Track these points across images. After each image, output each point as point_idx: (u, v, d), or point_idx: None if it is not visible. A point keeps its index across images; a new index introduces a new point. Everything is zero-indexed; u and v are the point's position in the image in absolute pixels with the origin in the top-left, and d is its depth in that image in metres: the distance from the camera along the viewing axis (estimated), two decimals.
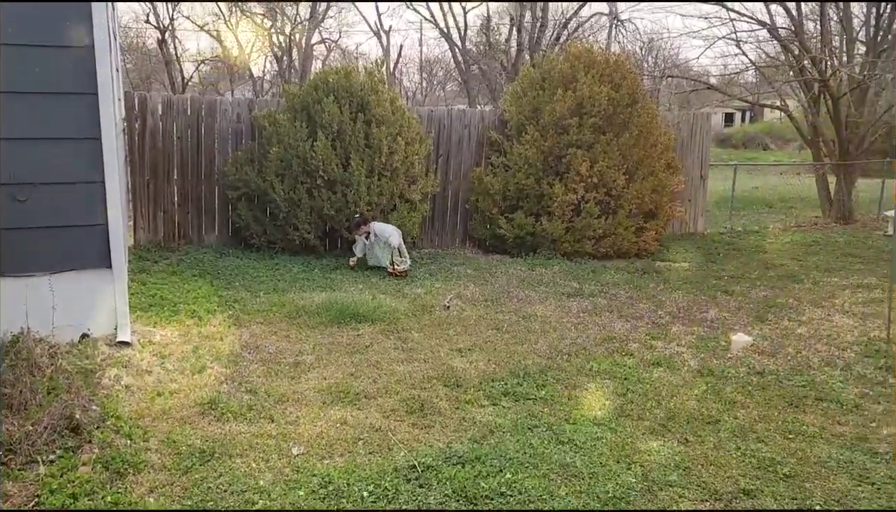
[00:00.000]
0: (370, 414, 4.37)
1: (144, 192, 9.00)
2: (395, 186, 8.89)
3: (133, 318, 5.63)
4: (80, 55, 4.99)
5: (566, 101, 9.36)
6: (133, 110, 8.81)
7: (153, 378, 4.73)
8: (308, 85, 9.28)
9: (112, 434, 3.82)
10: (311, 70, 27.33)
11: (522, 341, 5.92)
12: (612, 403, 4.69)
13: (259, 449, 3.84)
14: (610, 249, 9.48)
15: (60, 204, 5.11)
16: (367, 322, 6.26)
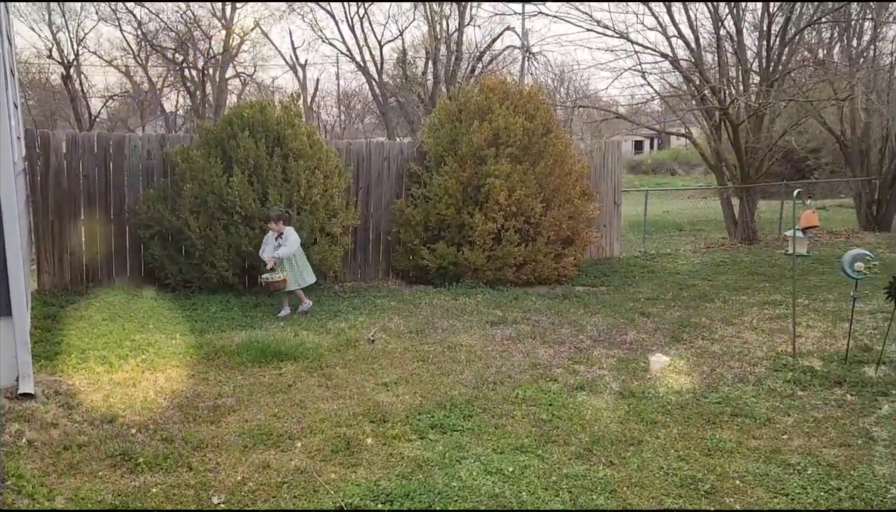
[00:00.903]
0: (295, 455, 4.25)
1: (49, 234, 8.58)
2: (314, 220, 8.79)
3: (37, 367, 5.32)
4: None
5: (483, 132, 9.52)
6: (35, 149, 8.42)
7: (59, 431, 4.47)
8: (222, 120, 9.11)
9: (13, 495, 3.57)
10: (225, 104, 26.91)
11: (448, 372, 5.91)
12: (539, 430, 4.73)
13: (176, 500, 3.67)
14: (531, 276, 9.63)
15: None
16: (289, 360, 6.12)
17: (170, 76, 30.73)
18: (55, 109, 30.76)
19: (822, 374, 5.84)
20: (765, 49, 14.15)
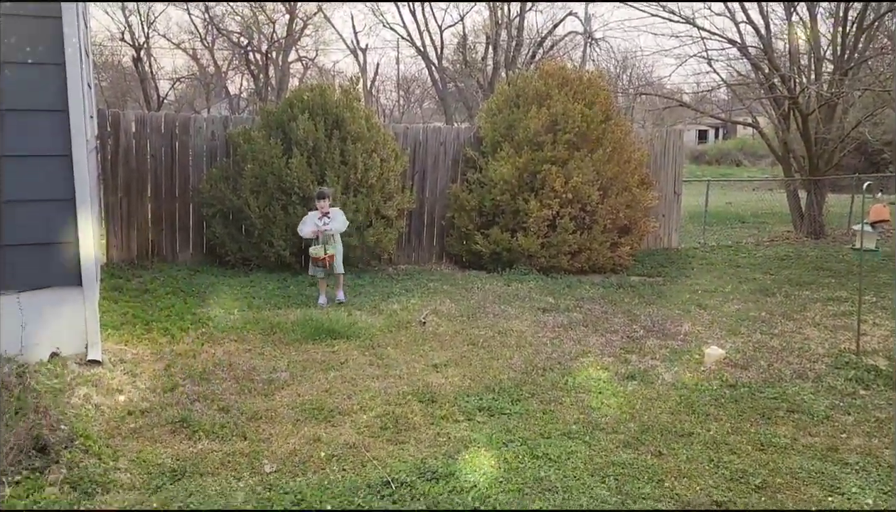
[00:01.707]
0: (344, 431, 4.35)
1: (118, 210, 8.92)
2: (370, 203, 8.90)
3: (104, 336, 5.56)
4: (51, 71, 4.96)
5: (540, 118, 9.45)
6: (106, 128, 8.74)
7: (124, 397, 4.67)
8: (283, 102, 9.29)
9: (81, 454, 3.76)
10: (287, 88, 27.35)
11: (498, 356, 5.92)
12: (587, 417, 4.71)
13: (231, 467, 3.80)
14: (585, 265, 9.55)
15: (30, 221, 5.05)
16: (342, 338, 6.23)
17: (234, 59, 31.41)
18: (126, 91, 31.81)
19: (886, 373, 5.64)
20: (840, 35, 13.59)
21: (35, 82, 4.96)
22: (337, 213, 7.79)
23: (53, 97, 4.97)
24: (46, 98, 4.97)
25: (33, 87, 4.95)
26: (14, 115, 4.91)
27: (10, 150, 4.92)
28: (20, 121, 4.93)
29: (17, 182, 4.96)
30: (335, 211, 7.79)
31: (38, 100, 4.96)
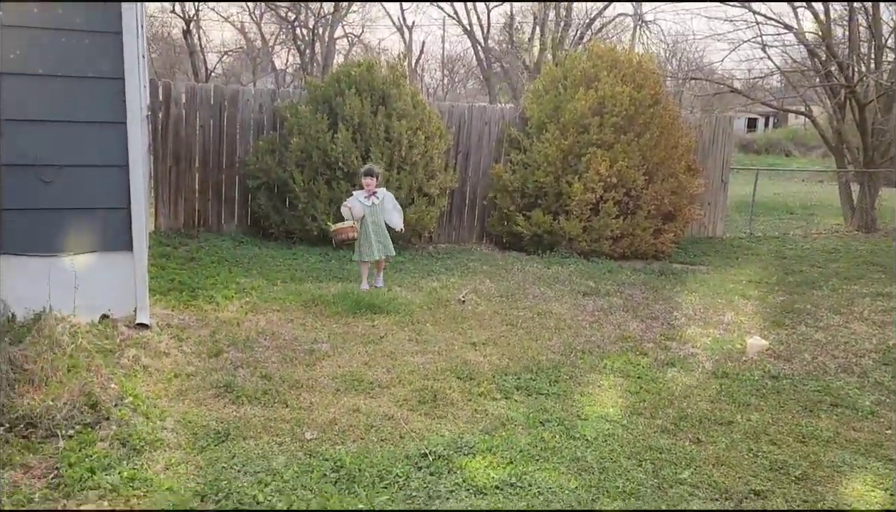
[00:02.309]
0: (383, 403, 4.40)
1: (167, 179, 9.10)
2: (413, 180, 8.92)
3: (152, 301, 5.70)
4: (108, 40, 5.05)
5: (587, 100, 9.34)
6: (157, 98, 8.90)
7: (171, 360, 4.80)
8: (330, 77, 9.34)
9: (129, 412, 3.88)
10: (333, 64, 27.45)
11: (536, 338, 5.93)
12: (625, 401, 4.69)
13: (273, 432, 3.89)
14: (627, 250, 9.46)
15: (85, 186, 5.18)
16: (382, 313, 6.29)
17: (282, 34, 31.60)
18: (175, 63, 32.27)
19: None
20: None
21: (93, 50, 5.06)
22: (387, 197, 7.19)
23: (110, 65, 5.07)
24: (104, 66, 5.07)
25: (92, 55, 5.06)
26: (74, 82, 5.03)
27: (68, 116, 5.05)
28: (79, 87, 5.05)
29: (74, 148, 5.10)
30: (385, 193, 7.23)
31: (96, 67, 5.07)
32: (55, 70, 4.97)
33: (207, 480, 3.29)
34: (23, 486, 3.14)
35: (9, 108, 4.90)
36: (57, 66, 4.97)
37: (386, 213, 7.11)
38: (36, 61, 4.91)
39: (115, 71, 5.09)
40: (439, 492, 3.36)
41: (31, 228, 5.09)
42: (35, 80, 4.94)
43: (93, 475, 3.24)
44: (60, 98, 5.02)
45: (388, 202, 7.14)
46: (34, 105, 4.95)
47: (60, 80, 5.00)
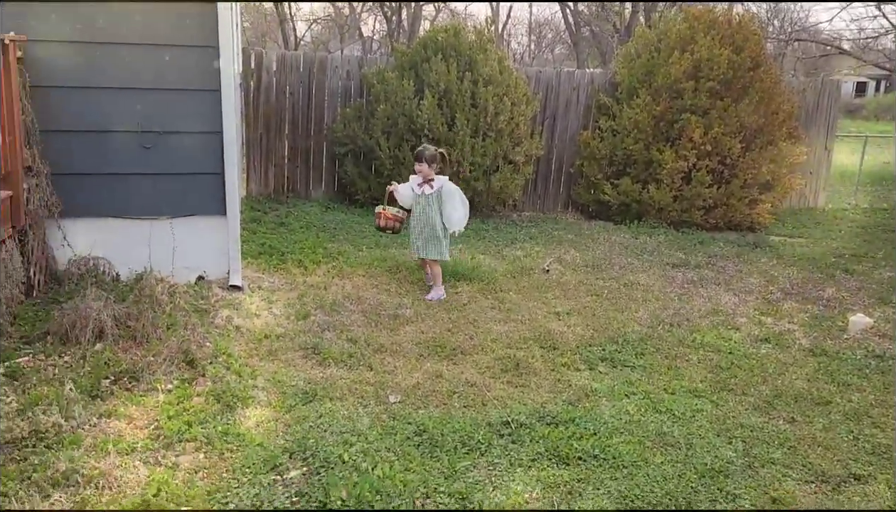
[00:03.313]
0: (466, 369, 4.42)
1: (257, 146, 9.34)
2: (498, 147, 8.83)
3: (244, 264, 5.90)
4: (204, 10, 5.19)
5: (682, 64, 8.96)
6: (249, 66, 9.11)
7: (261, 321, 4.96)
8: (417, 43, 9.31)
9: (223, 370, 4.04)
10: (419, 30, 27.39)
11: (623, 309, 5.80)
12: (715, 377, 4.54)
13: (358, 394, 3.97)
14: (720, 221, 9.10)
15: (181, 152, 5.38)
16: (465, 281, 6.30)
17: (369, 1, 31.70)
18: (266, 31, 32.96)
19: None
20: None
21: (189, 19, 5.20)
22: (445, 189, 5.84)
23: (205, 34, 5.21)
24: (199, 35, 5.21)
25: (188, 24, 5.21)
26: (171, 50, 5.20)
27: (166, 84, 5.23)
28: (175, 56, 5.22)
29: (172, 114, 5.29)
30: (446, 183, 5.89)
31: (192, 36, 5.21)
32: (153, 39, 5.15)
33: (295, 438, 3.39)
34: (127, 435, 3.33)
35: (111, 76, 5.12)
36: (154, 35, 5.14)
37: (444, 208, 5.86)
38: (135, 31, 5.10)
39: (210, 40, 5.23)
40: (521, 460, 3.35)
41: (133, 193, 5.34)
42: (134, 50, 5.13)
43: (189, 428, 3.40)
44: (159, 66, 5.21)
45: (446, 196, 5.84)
46: (134, 73, 5.16)
47: (158, 49, 5.18)
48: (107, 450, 3.14)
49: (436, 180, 5.87)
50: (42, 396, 3.52)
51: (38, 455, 3.06)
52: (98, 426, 3.38)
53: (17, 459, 3.03)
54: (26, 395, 3.56)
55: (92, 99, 5.13)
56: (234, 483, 3.01)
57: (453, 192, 5.91)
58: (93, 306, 4.27)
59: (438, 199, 5.86)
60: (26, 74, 4.86)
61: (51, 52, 4.98)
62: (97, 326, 4.19)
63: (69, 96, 5.08)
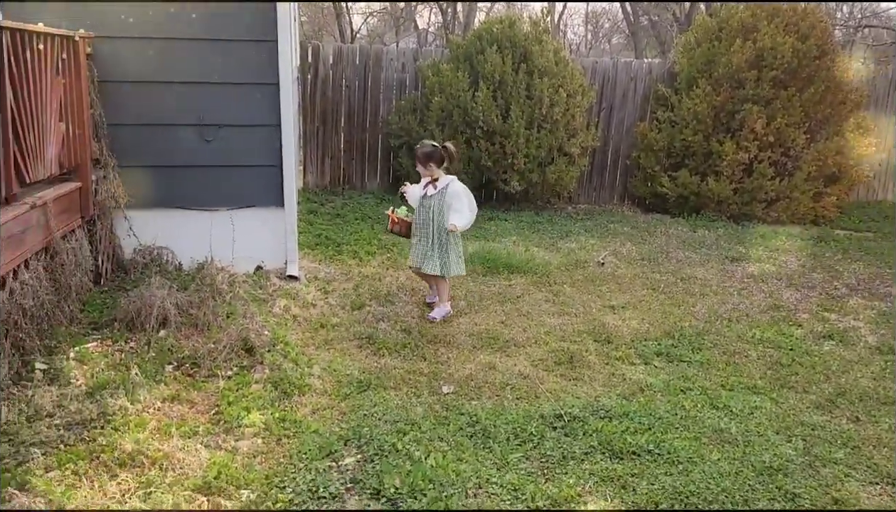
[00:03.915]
0: (518, 361, 4.42)
1: (314, 139, 9.48)
2: (553, 139, 8.76)
3: (301, 255, 6.01)
4: (263, 5, 5.29)
5: (744, 53, 8.72)
6: (307, 60, 9.25)
7: (317, 311, 5.05)
8: (472, 34, 9.29)
9: (280, 358, 4.13)
10: (474, 22, 27.30)
11: (679, 303, 5.70)
12: (775, 373, 4.43)
13: (411, 384, 4.01)
14: (783, 214, 8.84)
15: (241, 145, 5.50)
16: (518, 273, 6.28)
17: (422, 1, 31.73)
18: (322, 25, 33.31)
19: None
20: None
21: (248, 14, 5.31)
22: (450, 190, 5.10)
23: (264, 28, 5.31)
24: (259, 29, 5.31)
25: (247, 19, 5.31)
26: (230, 45, 5.31)
27: (226, 78, 5.35)
28: (236, 49, 5.33)
29: (232, 108, 5.41)
30: (447, 182, 5.13)
31: (251, 31, 5.32)
32: (214, 34, 5.27)
33: (350, 426, 3.45)
34: (189, 419, 3.45)
35: (173, 70, 5.27)
36: (215, 29, 5.27)
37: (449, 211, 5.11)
38: (197, 27, 5.23)
39: (269, 34, 5.32)
40: (574, 453, 3.34)
41: (194, 185, 5.49)
42: (195, 45, 5.27)
43: (248, 414, 3.49)
44: (220, 60, 5.33)
45: (451, 196, 5.10)
46: (196, 68, 5.29)
47: (219, 44, 5.30)
48: (170, 433, 3.26)
49: (441, 180, 5.12)
50: (109, 379, 3.67)
51: (106, 436, 3.19)
52: (162, 410, 3.50)
53: (87, 440, 3.17)
54: (94, 378, 3.71)
55: (155, 93, 5.29)
56: (290, 468, 3.08)
57: (460, 193, 5.11)
58: (157, 294, 4.42)
59: (441, 202, 5.07)
60: (95, 70, 5.04)
61: (117, 47, 5.15)
62: (161, 313, 4.34)
63: (134, 91, 5.25)
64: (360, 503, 2.88)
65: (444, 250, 5.13)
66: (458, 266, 5.22)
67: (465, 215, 5.11)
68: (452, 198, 5.08)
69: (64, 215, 4.50)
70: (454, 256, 5.17)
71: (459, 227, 5.06)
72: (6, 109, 3.68)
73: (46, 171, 4.28)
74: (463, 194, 5.13)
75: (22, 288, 3.83)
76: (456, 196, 5.10)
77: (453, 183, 5.14)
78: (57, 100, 4.43)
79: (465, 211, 5.11)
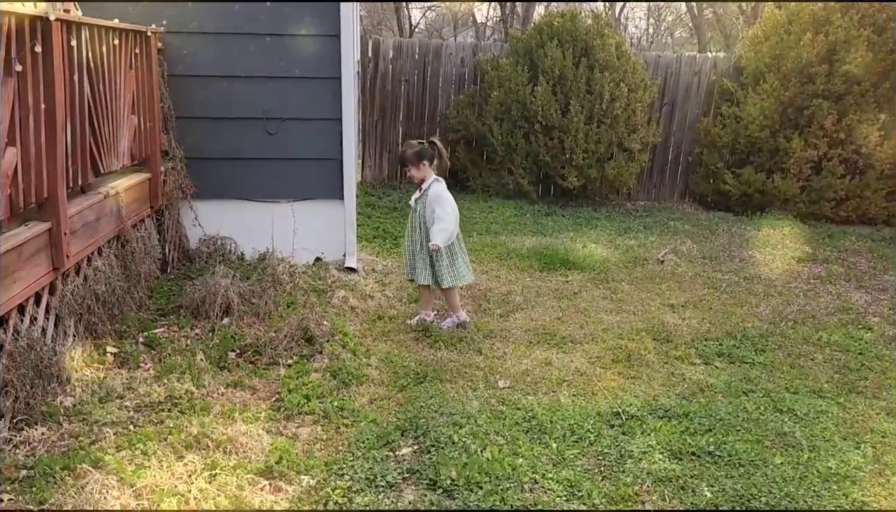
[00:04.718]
0: (575, 358, 4.38)
1: (373, 132, 9.57)
2: (613, 135, 8.64)
3: (359, 247, 6.08)
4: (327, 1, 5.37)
5: (815, 47, 8.43)
6: (367, 54, 9.34)
7: (375, 302, 5.11)
8: (533, 28, 9.25)
9: (339, 348, 4.20)
10: (533, 16, 27.09)
11: (742, 303, 5.57)
12: (842, 377, 4.29)
13: (468, 378, 4.02)
14: (852, 213, 8.54)
15: (303, 138, 5.61)
16: (576, 269, 6.23)
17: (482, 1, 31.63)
18: (381, 19, 33.54)
19: None
20: None
21: (311, 9, 5.39)
22: (437, 193, 4.57)
23: (328, 24, 5.39)
24: (321, 24, 5.39)
25: (310, 14, 5.39)
26: (295, 40, 5.41)
27: (290, 72, 5.45)
28: (300, 44, 5.43)
29: (294, 102, 5.51)
30: (435, 186, 4.62)
31: (314, 26, 5.40)
32: (279, 29, 5.37)
33: (407, 417, 3.48)
34: (251, 405, 3.53)
35: (239, 65, 5.39)
36: (280, 25, 5.37)
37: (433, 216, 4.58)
38: (262, 22, 5.34)
39: (332, 29, 5.40)
40: (631, 452, 3.30)
41: (257, 177, 5.61)
42: (260, 40, 5.38)
43: (308, 402, 3.56)
44: (283, 56, 5.43)
45: (433, 199, 4.58)
46: (260, 63, 5.40)
47: (283, 39, 5.40)
48: (233, 418, 3.35)
49: (426, 180, 4.65)
50: (176, 364, 3.79)
51: (173, 419, 3.30)
52: (225, 395, 3.60)
53: (155, 422, 3.28)
54: (162, 363, 3.84)
55: (221, 87, 5.43)
56: (349, 456, 3.13)
57: (441, 197, 4.55)
58: (221, 283, 4.54)
59: (425, 205, 4.61)
60: (164, 64, 5.20)
61: (185, 43, 5.30)
62: (224, 301, 4.46)
63: (201, 85, 5.40)
64: (416, 493, 2.90)
65: (435, 258, 4.64)
66: (452, 275, 4.67)
67: (447, 227, 4.52)
68: (434, 202, 4.56)
69: (134, 205, 4.67)
70: (447, 263, 4.64)
71: (441, 245, 4.50)
72: (84, 103, 3.83)
73: (119, 162, 4.44)
74: (445, 198, 4.57)
75: (95, 274, 3.99)
76: (437, 200, 4.55)
77: (434, 184, 4.63)
78: (130, 93, 4.59)
79: (448, 220, 4.52)
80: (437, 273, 4.66)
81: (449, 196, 4.61)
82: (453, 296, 4.78)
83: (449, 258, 4.65)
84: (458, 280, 4.71)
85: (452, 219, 4.56)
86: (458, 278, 4.71)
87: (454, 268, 4.69)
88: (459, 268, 4.72)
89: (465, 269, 4.78)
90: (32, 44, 3.18)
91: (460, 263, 4.72)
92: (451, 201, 4.61)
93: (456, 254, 4.69)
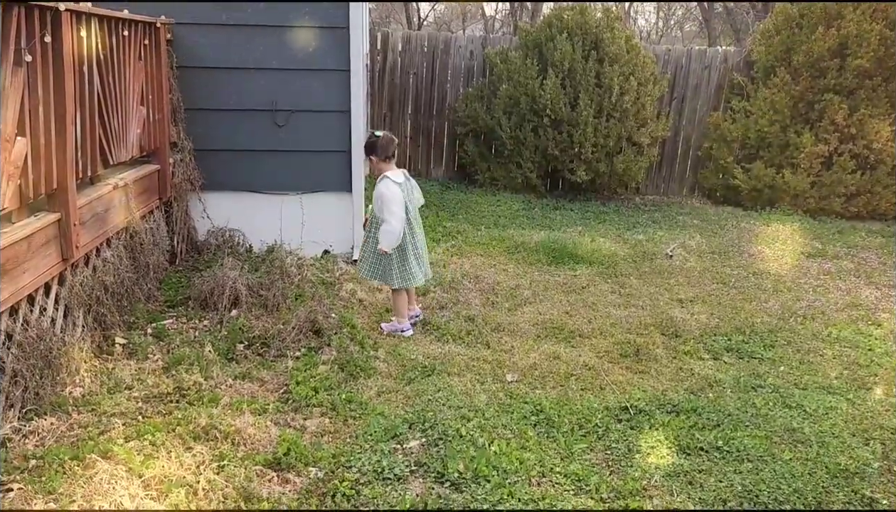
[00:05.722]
0: (583, 352, 4.38)
1: (381, 125, 9.55)
2: (622, 129, 8.60)
3: None
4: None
5: (827, 41, 8.36)
6: (376, 47, 9.32)
7: (383, 295, 5.10)
8: (542, 22, 9.21)
9: (347, 341, 4.20)
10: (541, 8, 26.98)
11: (751, 298, 5.54)
12: (851, 374, 4.26)
13: (475, 371, 4.02)
14: (863, 209, 8.48)
15: (312, 130, 5.60)
16: (584, 264, 6.21)
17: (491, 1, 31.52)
18: (390, 11, 33.46)
19: None
20: None
21: (320, 2, 5.38)
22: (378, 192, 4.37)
23: (337, 16, 5.38)
24: (331, 17, 5.38)
25: (320, 7, 5.38)
26: (304, 32, 5.40)
27: (299, 65, 5.44)
28: (308, 36, 5.42)
29: (302, 94, 5.51)
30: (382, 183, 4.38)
31: (323, 19, 5.39)
32: (287, 21, 5.36)
33: (415, 410, 3.49)
34: (259, 397, 3.54)
35: (248, 57, 5.39)
36: (288, 16, 5.36)
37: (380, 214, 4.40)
38: (271, 14, 5.33)
39: (341, 21, 5.39)
40: (639, 447, 3.29)
41: (266, 169, 5.61)
42: (269, 31, 5.37)
43: (316, 394, 3.57)
44: (291, 48, 5.42)
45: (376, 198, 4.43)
46: (269, 54, 5.40)
47: (291, 31, 5.39)
48: (241, 409, 3.35)
49: (380, 172, 4.44)
50: (184, 356, 3.80)
51: (182, 410, 3.31)
52: (233, 387, 3.61)
53: (164, 413, 3.30)
54: (170, 354, 3.85)
55: (230, 79, 5.43)
56: (357, 448, 3.14)
57: (382, 196, 4.31)
58: (229, 275, 4.55)
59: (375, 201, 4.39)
60: (174, 56, 5.20)
61: (194, 34, 5.30)
62: (233, 293, 4.47)
63: (210, 76, 5.39)
64: (424, 486, 2.91)
65: (385, 256, 4.39)
66: (402, 277, 4.41)
67: (390, 228, 4.26)
68: (377, 200, 4.34)
69: (143, 196, 4.68)
70: (396, 262, 4.40)
71: (387, 249, 4.30)
72: (93, 93, 3.84)
73: (128, 153, 4.45)
74: (388, 198, 4.29)
75: (104, 265, 4.01)
76: (379, 198, 4.32)
77: (379, 182, 4.38)
78: (139, 84, 4.59)
79: (392, 221, 4.26)
80: (388, 272, 4.43)
81: (394, 194, 4.29)
82: (401, 299, 4.49)
83: (399, 258, 4.40)
84: (407, 281, 4.46)
85: (397, 219, 4.26)
86: (409, 280, 4.46)
87: (405, 268, 4.43)
88: (411, 268, 4.43)
89: (418, 269, 4.47)
90: (42, 34, 3.18)
91: (412, 262, 4.43)
92: (396, 200, 4.28)
93: (407, 253, 4.42)
